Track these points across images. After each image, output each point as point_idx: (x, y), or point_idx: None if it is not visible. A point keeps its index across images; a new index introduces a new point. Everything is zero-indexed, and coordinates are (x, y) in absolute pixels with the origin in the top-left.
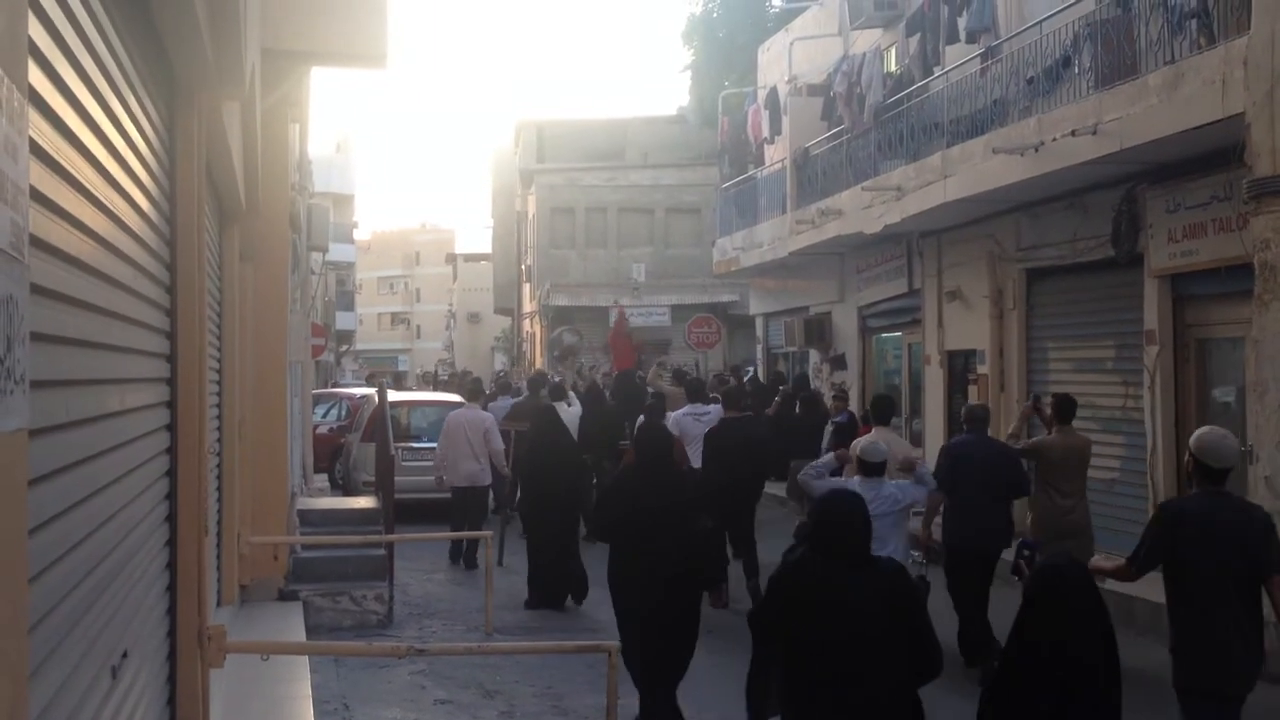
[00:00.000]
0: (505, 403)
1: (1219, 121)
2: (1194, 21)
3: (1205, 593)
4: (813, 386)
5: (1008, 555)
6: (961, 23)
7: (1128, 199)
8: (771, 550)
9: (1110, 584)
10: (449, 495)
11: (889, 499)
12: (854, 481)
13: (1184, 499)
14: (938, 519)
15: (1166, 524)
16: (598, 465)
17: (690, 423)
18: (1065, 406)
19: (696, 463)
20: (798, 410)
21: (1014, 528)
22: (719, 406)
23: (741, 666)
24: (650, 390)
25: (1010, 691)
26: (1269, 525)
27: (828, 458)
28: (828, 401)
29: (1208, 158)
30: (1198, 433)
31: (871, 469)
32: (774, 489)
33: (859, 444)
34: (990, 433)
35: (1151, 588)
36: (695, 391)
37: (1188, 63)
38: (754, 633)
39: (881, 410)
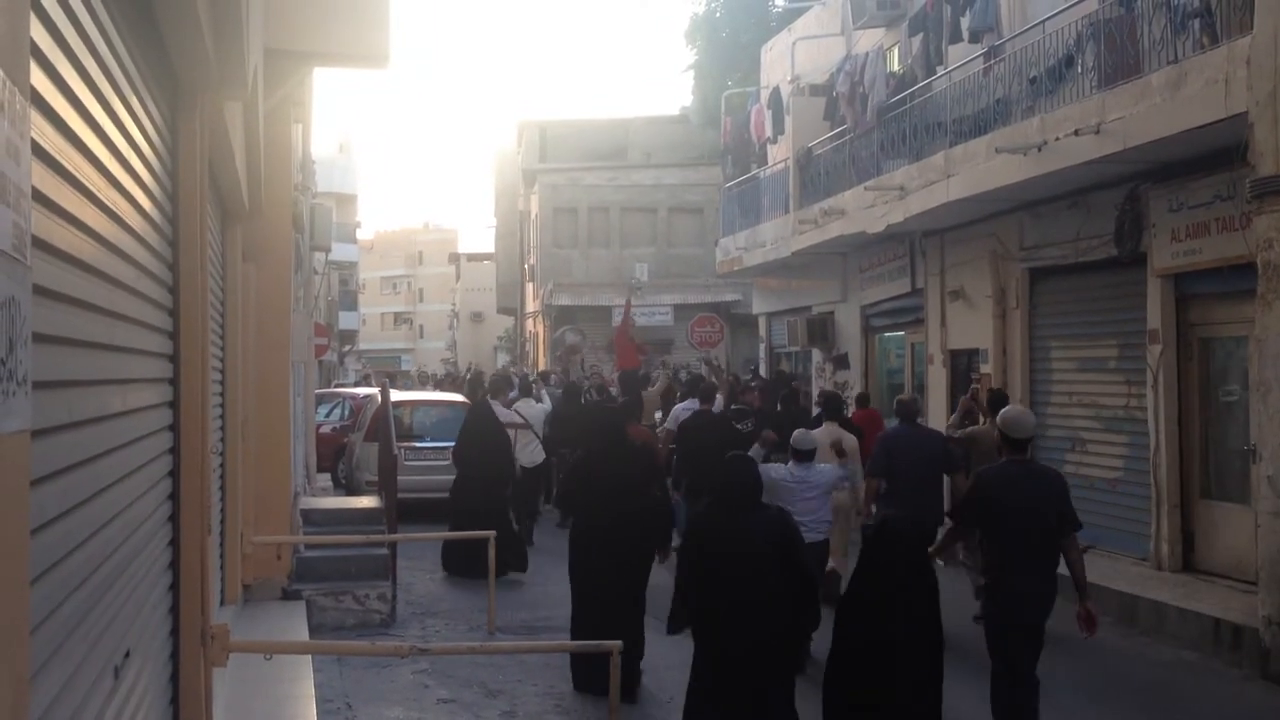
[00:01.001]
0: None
1: (1222, 121)
2: (1197, 21)
3: (1011, 542)
4: (794, 383)
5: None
6: (964, 22)
7: (1131, 198)
8: None
9: (1119, 585)
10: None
11: (818, 477)
12: (790, 465)
13: (994, 466)
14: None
15: (981, 488)
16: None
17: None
18: (996, 398)
19: None
20: (779, 406)
21: (944, 506)
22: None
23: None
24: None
25: (846, 651)
26: (1064, 488)
27: (754, 448)
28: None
29: (1211, 157)
30: (1003, 410)
31: (802, 455)
32: None
33: (795, 434)
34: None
35: (1156, 587)
36: (700, 390)
37: (1191, 62)
38: (678, 568)
39: (831, 406)
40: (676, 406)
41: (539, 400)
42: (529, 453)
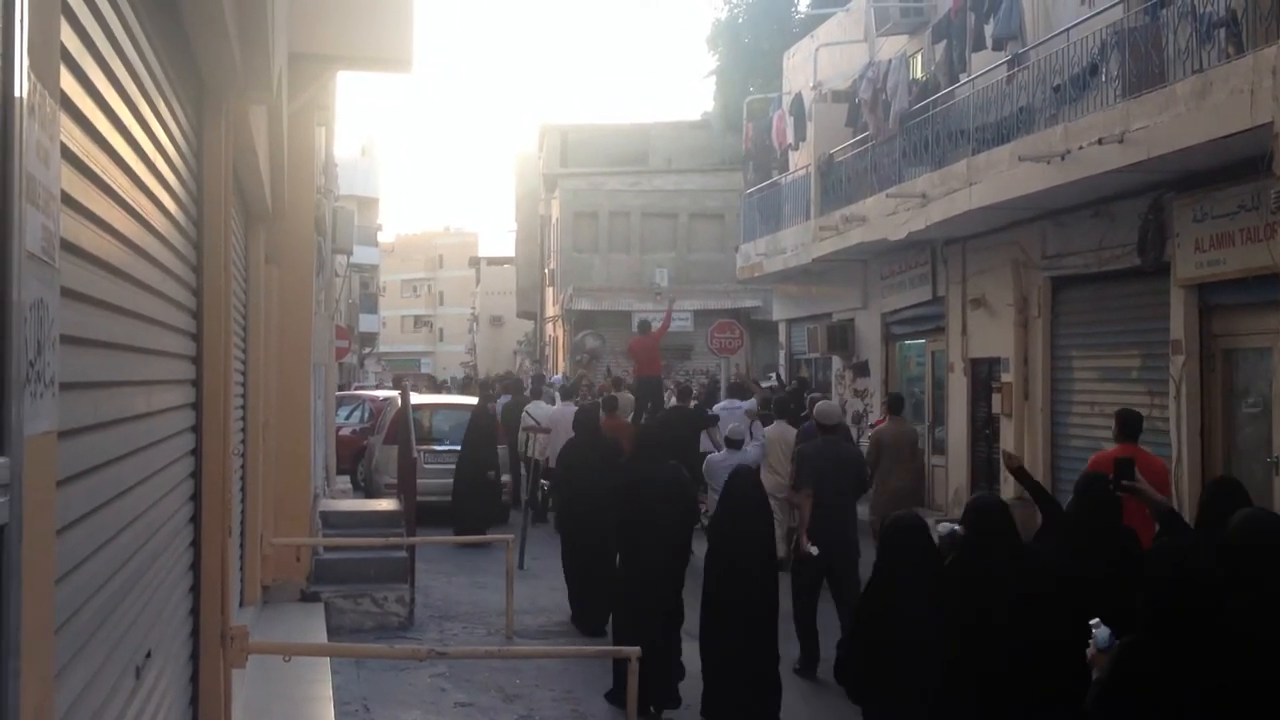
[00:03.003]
0: (506, 400)
1: (1247, 131)
2: (1222, 30)
3: (823, 500)
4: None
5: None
6: (988, 30)
7: (1154, 208)
8: None
9: None
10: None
11: (741, 458)
12: (724, 451)
13: (811, 443)
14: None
15: (800, 459)
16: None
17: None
18: (894, 401)
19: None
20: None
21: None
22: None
23: None
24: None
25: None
26: (860, 460)
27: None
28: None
29: (1235, 167)
30: (818, 404)
31: (732, 444)
32: None
33: (730, 428)
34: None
35: None
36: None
37: (1216, 72)
38: (615, 519)
39: (783, 408)
40: (717, 405)
41: (550, 403)
42: (539, 448)
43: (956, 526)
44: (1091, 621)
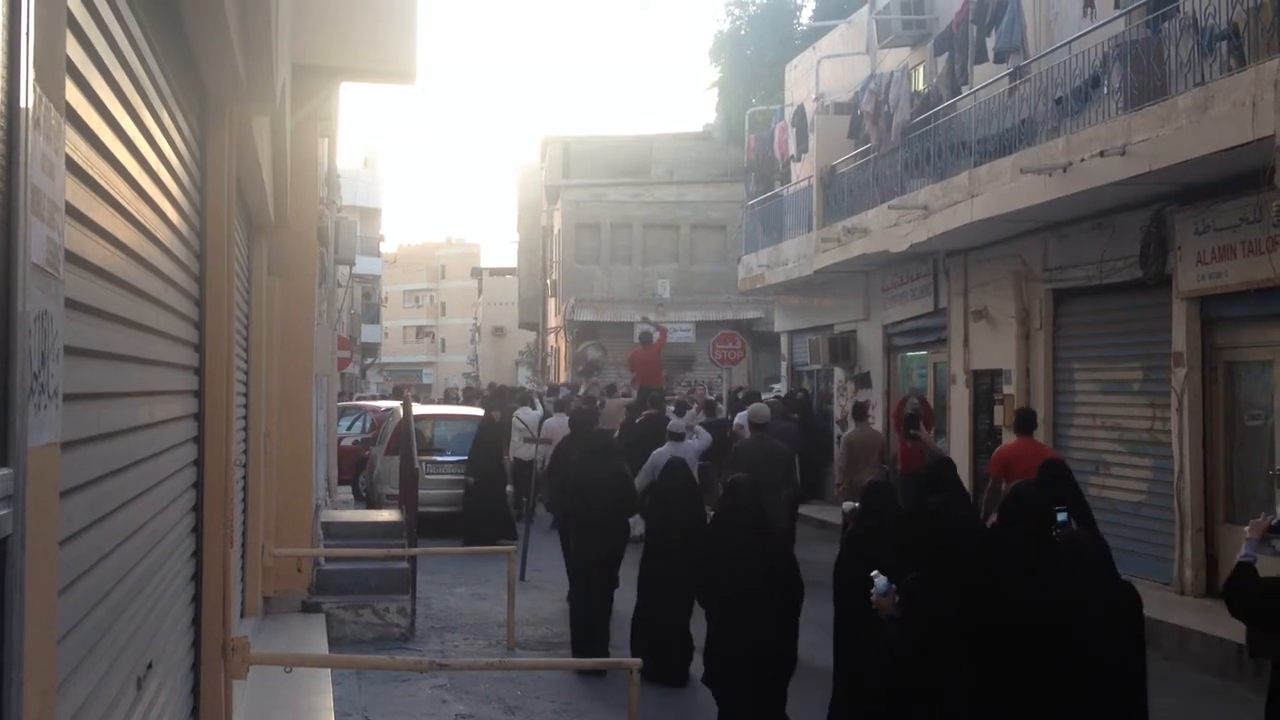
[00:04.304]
0: (525, 413)
1: (1249, 144)
2: (1224, 43)
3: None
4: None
5: None
6: (990, 42)
7: (1156, 220)
8: None
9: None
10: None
11: (683, 452)
12: (668, 445)
13: (745, 440)
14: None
15: (735, 452)
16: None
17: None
18: (858, 409)
19: None
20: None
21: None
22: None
23: None
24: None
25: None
26: (789, 455)
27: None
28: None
29: (1237, 180)
30: (751, 405)
31: (675, 437)
32: None
33: (670, 423)
34: None
35: (1180, 612)
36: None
37: (1217, 85)
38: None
39: (708, 406)
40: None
41: (534, 408)
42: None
43: (855, 504)
44: (873, 573)
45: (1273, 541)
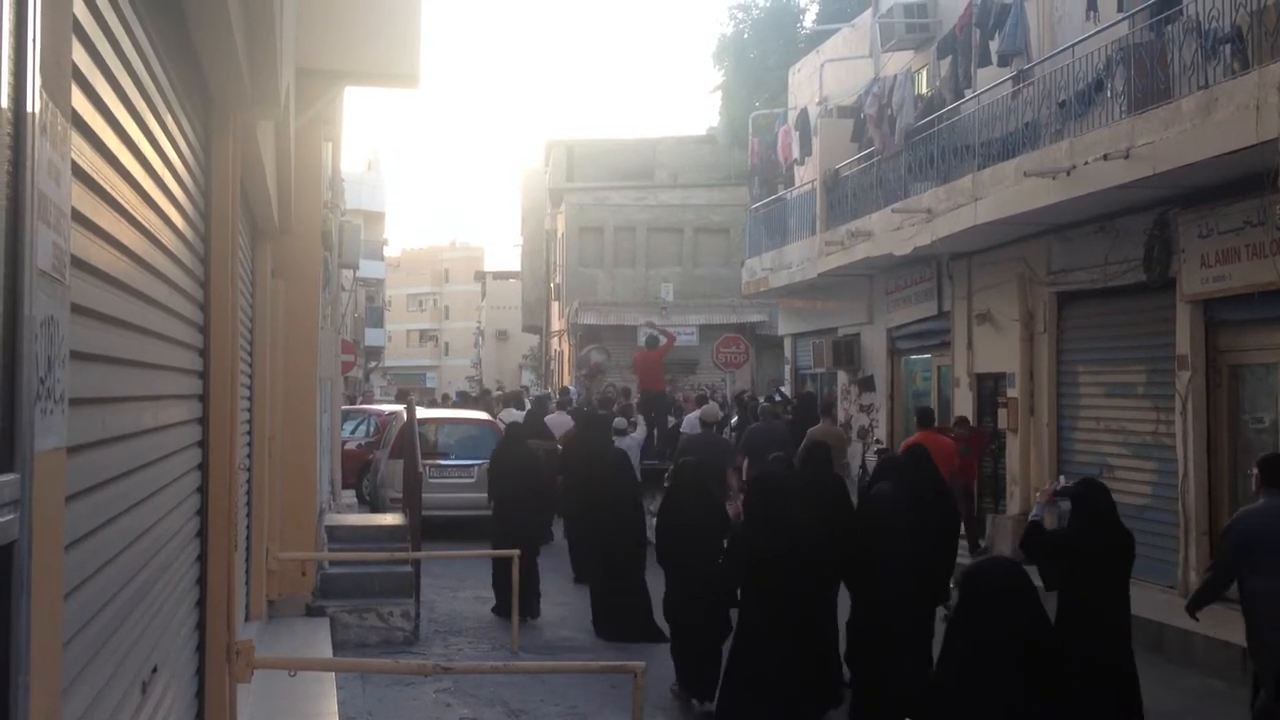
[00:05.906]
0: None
1: (1253, 147)
2: (1228, 46)
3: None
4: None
5: None
6: (993, 46)
7: (1160, 223)
8: None
9: (1146, 612)
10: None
11: (627, 444)
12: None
13: (693, 435)
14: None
15: (682, 443)
16: None
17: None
18: (826, 405)
19: None
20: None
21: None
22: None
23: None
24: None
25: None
26: (728, 447)
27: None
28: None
29: (1241, 183)
30: (704, 406)
31: (619, 433)
32: None
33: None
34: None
35: (1184, 615)
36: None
37: (1221, 88)
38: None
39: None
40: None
41: (520, 409)
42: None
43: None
44: None
45: (1059, 503)
